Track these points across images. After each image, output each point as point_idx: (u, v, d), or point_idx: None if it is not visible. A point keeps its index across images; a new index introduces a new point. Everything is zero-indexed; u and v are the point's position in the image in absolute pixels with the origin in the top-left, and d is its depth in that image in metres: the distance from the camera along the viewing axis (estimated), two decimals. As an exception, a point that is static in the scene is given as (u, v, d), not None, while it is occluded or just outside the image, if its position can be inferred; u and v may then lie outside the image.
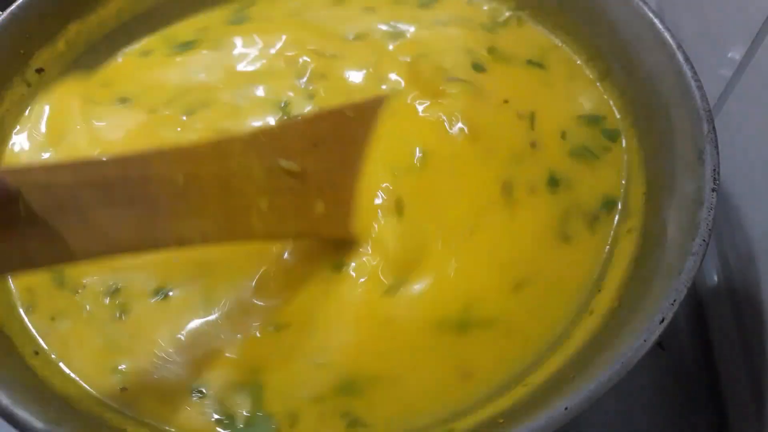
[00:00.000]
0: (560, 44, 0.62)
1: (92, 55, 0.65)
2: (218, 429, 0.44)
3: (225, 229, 0.40)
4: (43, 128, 0.59)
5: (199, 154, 0.40)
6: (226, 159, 0.40)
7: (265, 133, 0.44)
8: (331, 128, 0.46)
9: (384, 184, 0.50)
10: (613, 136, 0.56)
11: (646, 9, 0.54)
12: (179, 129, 0.56)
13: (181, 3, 0.68)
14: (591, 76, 0.60)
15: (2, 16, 0.58)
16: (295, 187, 0.43)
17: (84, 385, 0.47)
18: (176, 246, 0.39)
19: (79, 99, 0.60)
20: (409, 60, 0.59)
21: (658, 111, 0.52)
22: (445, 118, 0.54)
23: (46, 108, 0.60)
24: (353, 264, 0.48)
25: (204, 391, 0.45)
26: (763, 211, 0.55)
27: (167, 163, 0.38)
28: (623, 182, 0.54)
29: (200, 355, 0.46)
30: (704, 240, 0.43)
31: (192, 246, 0.39)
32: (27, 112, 0.61)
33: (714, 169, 0.45)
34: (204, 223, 0.39)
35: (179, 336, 0.47)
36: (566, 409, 0.38)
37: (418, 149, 0.52)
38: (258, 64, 0.62)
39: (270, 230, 0.41)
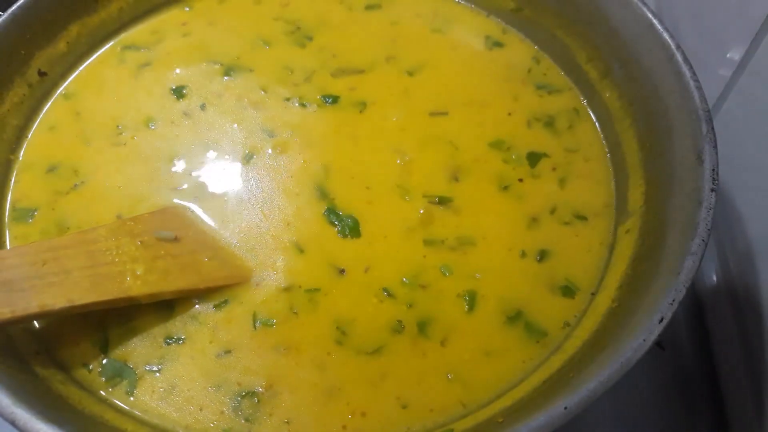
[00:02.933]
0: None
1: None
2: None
3: (93, 291, 0.46)
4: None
5: (62, 245, 0.47)
6: (91, 244, 0.48)
7: (133, 219, 0.52)
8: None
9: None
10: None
11: (645, 10, 0.54)
12: None
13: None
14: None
15: (3, 17, 0.58)
16: (174, 251, 0.50)
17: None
18: (41, 312, 0.44)
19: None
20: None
21: (657, 111, 0.52)
22: None
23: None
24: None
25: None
26: (762, 211, 0.55)
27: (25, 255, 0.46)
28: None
29: None
30: (703, 240, 0.43)
31: (57, 310, 0.45)
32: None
33: (713, 169, 0.45)
34: (68, 290, 0.45)
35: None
36: (566, 408, 0.38)
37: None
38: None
39: (153, 288, 0.48)
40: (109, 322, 0.49)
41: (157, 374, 0.47)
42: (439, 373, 0.47)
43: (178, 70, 0.64)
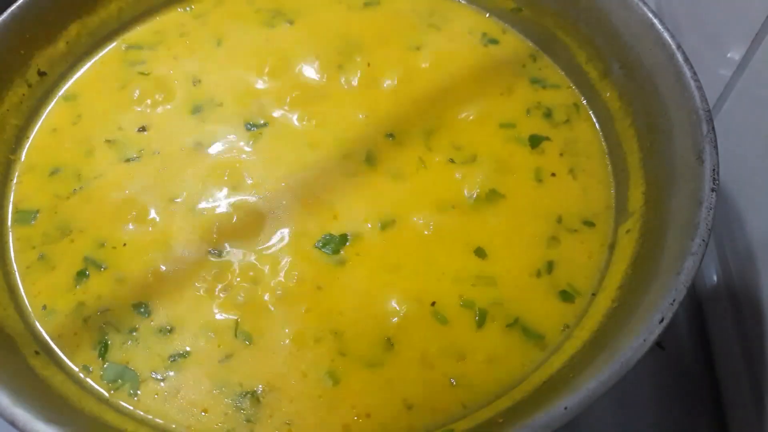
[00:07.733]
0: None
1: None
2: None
3: None
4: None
5: None
6: None
7: None
8: None
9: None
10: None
11: (645, 9, 0.54)
12: None
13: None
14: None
15: (3, 17, 0.58)
16: None
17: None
18: None
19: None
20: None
21: (657, 111, 0.52)
22: None
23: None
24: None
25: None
26: (763, 211, 0.55)
27: None
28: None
29: None
30: (703, 240, 0.43)
31: None
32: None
33: (713, 169, 0.45)
34: None
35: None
36: (566, 408, 0.38)
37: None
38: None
39: None
40: (110, 324, 0.49)
41: (160, 376, 0.48)
42: (444, 381, 0.47)
43: (182, 70, 0.64)
